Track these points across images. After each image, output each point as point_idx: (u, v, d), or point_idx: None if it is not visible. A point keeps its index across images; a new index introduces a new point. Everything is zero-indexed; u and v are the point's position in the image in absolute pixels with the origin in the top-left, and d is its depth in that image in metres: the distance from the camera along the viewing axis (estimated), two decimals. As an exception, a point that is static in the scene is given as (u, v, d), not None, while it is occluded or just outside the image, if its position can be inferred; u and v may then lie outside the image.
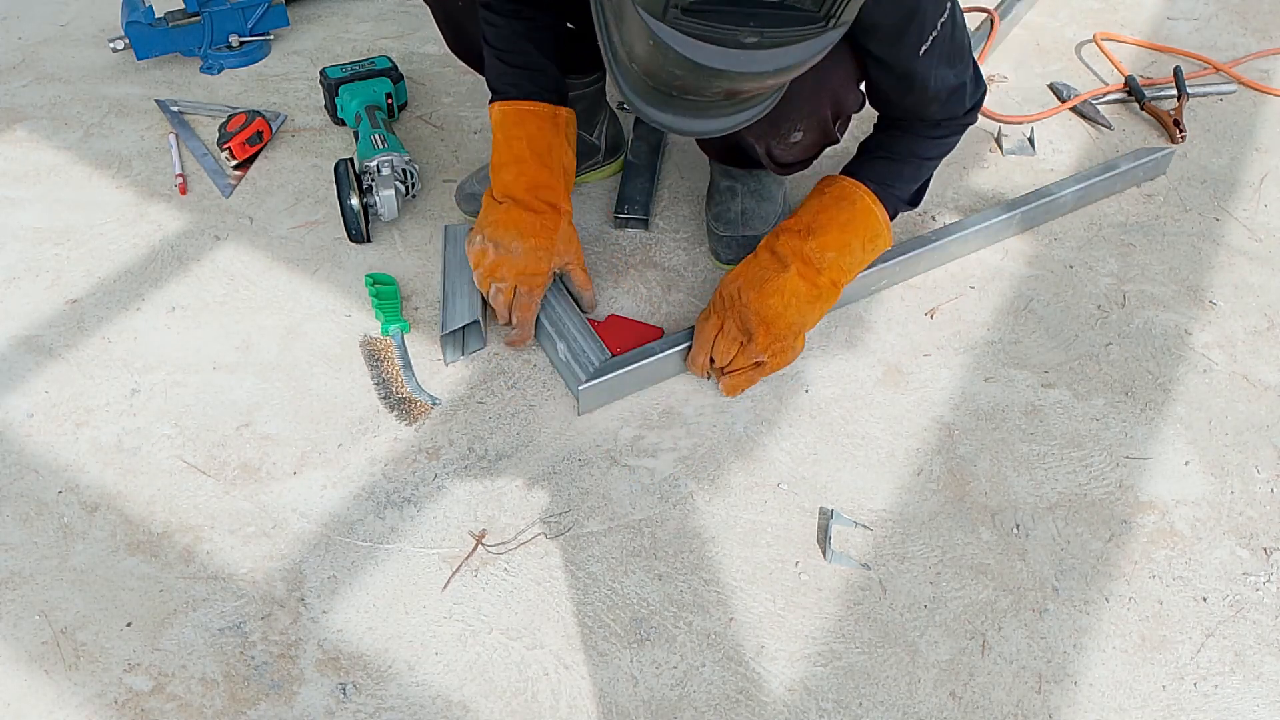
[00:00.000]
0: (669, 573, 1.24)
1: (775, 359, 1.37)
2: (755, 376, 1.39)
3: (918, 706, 1.12)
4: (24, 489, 1.32)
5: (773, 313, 1.33)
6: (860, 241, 1.37)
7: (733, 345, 1.36)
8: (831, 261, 1.35)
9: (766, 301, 1.33)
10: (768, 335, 1.34)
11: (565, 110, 1.44)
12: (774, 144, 1.38)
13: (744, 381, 1.39)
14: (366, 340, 1.49)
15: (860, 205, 1.37)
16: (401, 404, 1.41)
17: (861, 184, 1.38)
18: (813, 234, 1.35)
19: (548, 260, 1.42)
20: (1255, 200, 1.77)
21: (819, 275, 1.35)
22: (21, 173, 1.81)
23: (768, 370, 1.38)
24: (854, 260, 1.38)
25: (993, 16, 2.10)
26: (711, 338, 1.38)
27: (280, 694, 1.12)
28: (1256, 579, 1.23)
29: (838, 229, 1.36)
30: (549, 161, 1.41)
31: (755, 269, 1.36)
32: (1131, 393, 1.44)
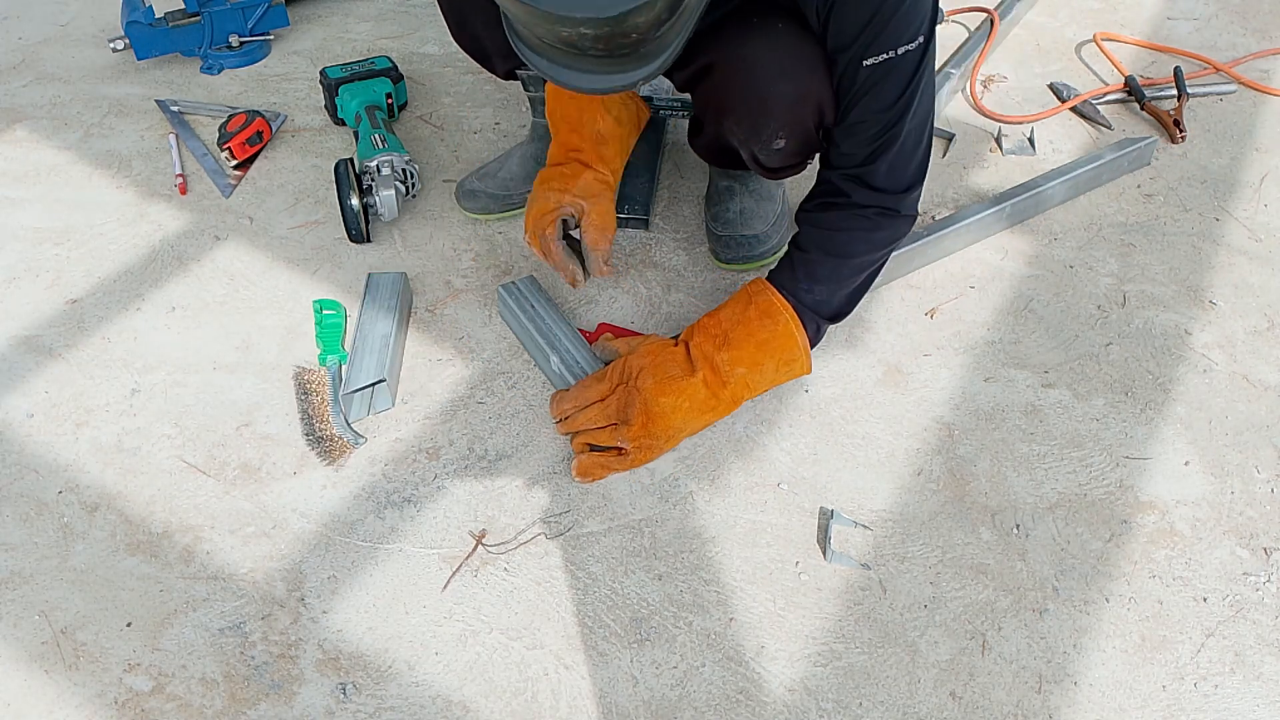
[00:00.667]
0: (669, 573, 1.24)
1: (638, 454, 1.30)
2: (612, 466, 1.31)
3: (918, 706, 1.12)
4: (24, 489, 1.32)
5: (659, 410, 1.29)
6: (775, 364, 1.34)
7: (603, 419, 1.31)
8: (740, 377, 1.32)
9: (659, 399, 1.29)
10: (643, 430, 1.29)
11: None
12: (757, 150, 1.38)
13: (598, 468, 1.31)
14: (299, 370, 1.45)
15: (782, 328, 1.32)
16: (322, 442, 1.36)
17: (787, 303, 1.33)
18: (729, 344, 1.31)
19: (557, 199, 1.46)
20: (1255, 200, 1.77)
21: (723, 388, 1.32)
22: (21, 173, 1.81)
23: (625, 464, 1.31)
24: (763, 379, 1.35)
25: (993, 16, 2.10)
26: (590, 400, 1.33)
27: (280, 694, 1.12)
28: (1256, 579, 1.23)
29: (754, 346, 1.32)
30: (579, 127, 1.50)
31: (665, 360, 1.32)
32: (1131, 393, 1.44)
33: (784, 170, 1.47)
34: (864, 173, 1.30)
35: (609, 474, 1.32)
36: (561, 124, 1.51)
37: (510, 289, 1.52)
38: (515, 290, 1.52)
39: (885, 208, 1.32)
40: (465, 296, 1.58)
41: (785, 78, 1.27)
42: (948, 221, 1.62)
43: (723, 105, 1.36)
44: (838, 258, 1.35)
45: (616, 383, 1.33)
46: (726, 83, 1.32)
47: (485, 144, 1.87)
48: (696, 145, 1.57)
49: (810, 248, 1.35)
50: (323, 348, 1.47)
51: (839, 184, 1.33)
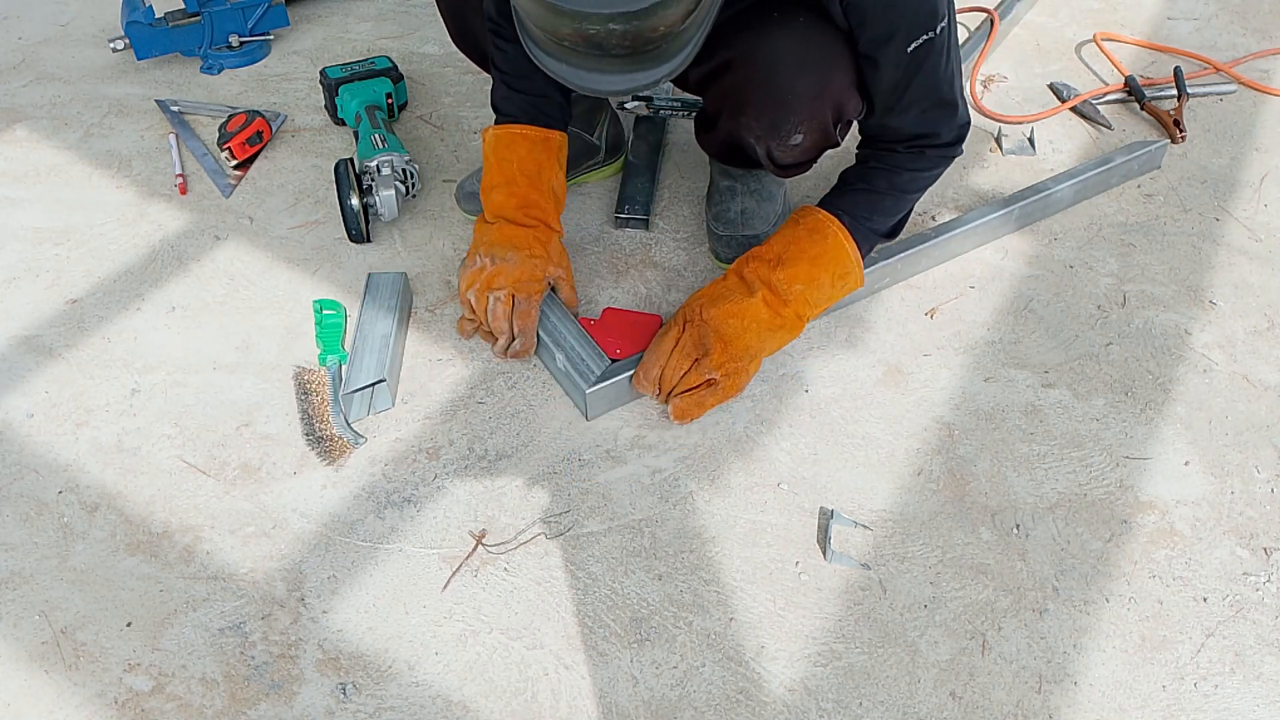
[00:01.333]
0: (669, 573, 1.24)
1: (728, 380, 1.32)
2: (707, 401, 1.33)
3: (918, 706, 1.12)
4: (24, 489, 1.32)
5: (732, 332, 1.31)
6: (830, 277, 1.36)
7: (686, 360, 1.32)
8: (799, 294, 1.33)
9: (727, 321, 1.31)
10: (723, 354, 1.31)
11: (558, 134, 1.47)
12: (774, 146, 1.38)
13: (694, 406, 1.33)
14: (299, 370, 1.45)
15: (833, 240, 1.35)
16: (322, 442, 1.36)
17: (836, 218, 1.36)
18: (782, 264, 1.34)
19: (542, 268, 1.43)
20: (1255, 200, 1.77)
21: (784, 306, 1.33)
22: (21, 173, 1.81)
23: (719, 394, 1.33)
24: (822, 295, 1.36)
25: (993, 16, 2.10)
26: (669, 351, 1.34)
27: (280, 694, 1.12)
28: (1256, 579, 1.23)
29: (808, 262, 1.34)
30: (539, 183, 1.45)
31: (721, 290, 1.35)
32: (1131, 393, 1.44)
33: (795, 168, 1.48)
34: (923, 142, 1.37)
35: (705, 410, 1.35)
36: (520, 177, 1.44)
37: None
38: None
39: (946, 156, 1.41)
40: (465, 296, 1.58)
41: (806, 73, 1.28)
42: (956, 223, 1.62)
43: (741, 101, 1.36)
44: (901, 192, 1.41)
45: (684, 323, 1.35)
46: (746, 78, 1.33)
47: (485, 144, 1.87)
48: (705, 141, 1.56)
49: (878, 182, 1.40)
50: (323, 348, 1.47)
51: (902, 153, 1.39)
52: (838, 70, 1.28)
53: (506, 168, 1.45)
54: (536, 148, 1.45)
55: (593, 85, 1.13)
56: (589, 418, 1.39)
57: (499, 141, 1.45)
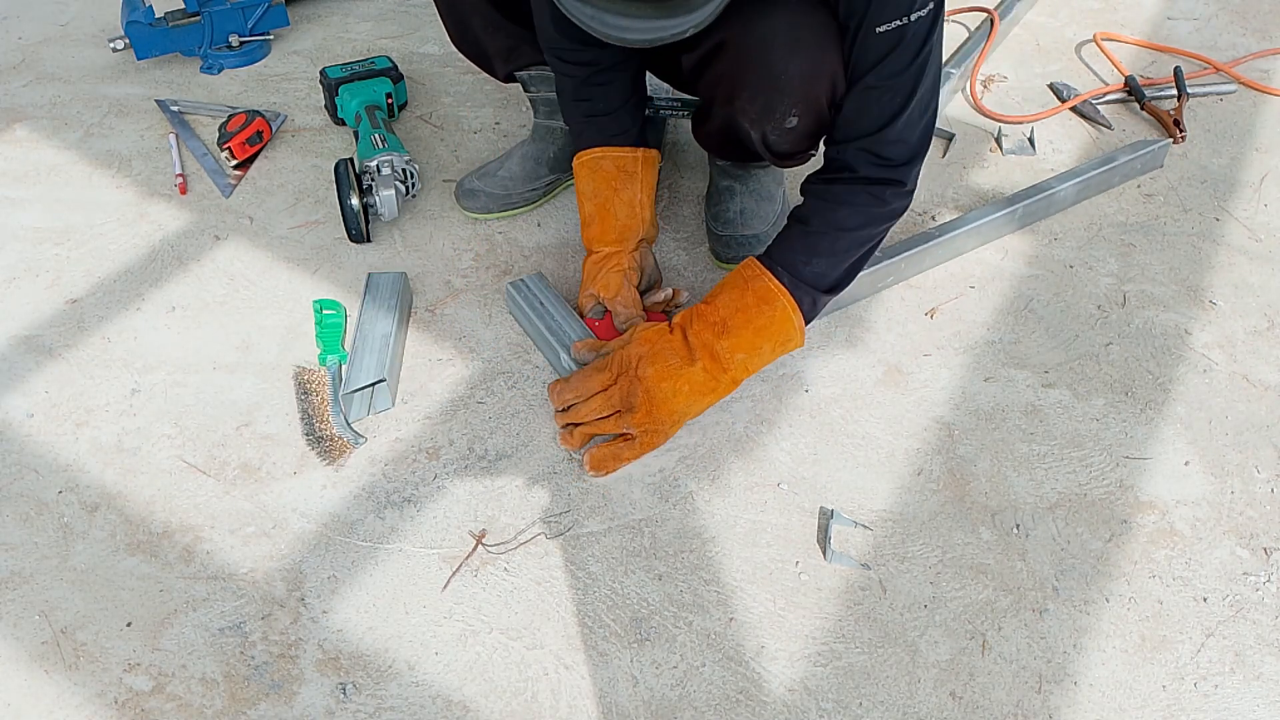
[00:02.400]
0: (669, 573, 1.24)
1: (645, 438, 1.32)
2: (623, 455, 1.32)
3: (918, 706, 1.12)
4: (24, 489, 1.32)
5: (661, 395, 1.30)
6: (772, 345, 1.34)
7: (607, 408, 1.32)
8: (740, 362, 1.32)
9: (660, 384, 1.29)
10: (648, 416, 1.30)
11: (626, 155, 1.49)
12: (769, 130, 1.37)
13: (611, 459, 1.32)
14: (299, 370, 1.45)
15: (779, 312, 1.32)
16: (322, 442, 1.36)
17: (782, 284, 1.33)
18: (728, 332, 1.31)
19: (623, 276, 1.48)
20: (1255, 200, 1.77)
21: (723, 373, 1.32)
22: (21, 173, 1.81)
23: (636, 450, 1.33)
24: (761, 361, 1.35)
25: (993, 16, 2.10)
26: (594, 392, 1.33)
27: (280, 694, 1.12)
28: (1256, 579, 1.23)
29: (753, 332, 1.32)
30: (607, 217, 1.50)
31: (664, 349, 1.32)
32: (1131, 393, 1.44)
33: (793, 156, 1.46)
34: (871, 143, 1.29)
35: (621, 464, 1.33)
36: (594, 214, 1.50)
37: (519, 286, 1.52)
38: (524, 287, 1.52)
39: (890, 180, 1.31)
40: (465, 296, 1.58)
41: (799, 54, 1.27)
42: (959, 223, 1.62)
43: (735, 84, 1.35)
44: (838, 230, 1.34)
45: (618, 373, 1.33)
46: (739, 60, 1.31)
47: (485, 144, 1.87)
48: (701, 135, 1.56)
49: (811, 219, 1.34)
50: (323, 348, 1.47)
51: (846, 158, 1.32)
52: (830, 50, 1.26)
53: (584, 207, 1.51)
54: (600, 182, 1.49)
55: (620, 34, 1.11)
56: None
57: (582, 169, 1.51)
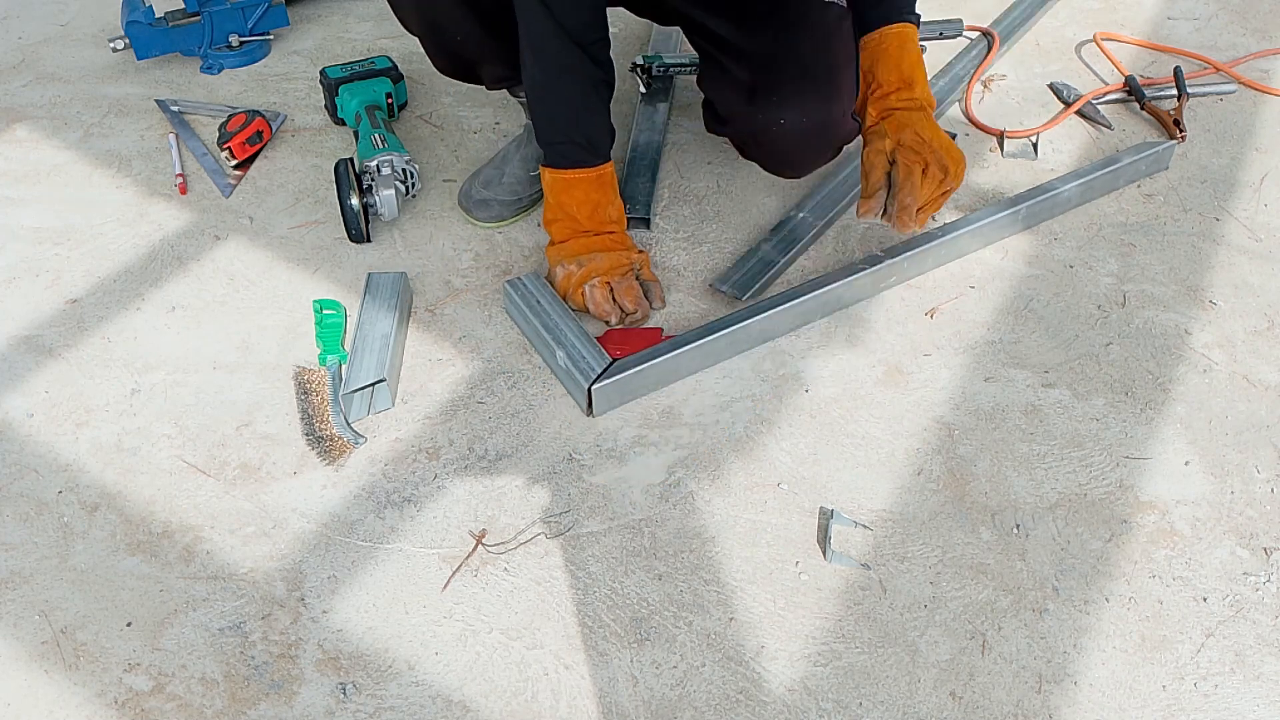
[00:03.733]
0: (669, 573, 1.24)
1: (956, 181, 1.45)
2: (940, 202, 1.46)
3: (918, 706, 1.12)
4: (24, 489, 1.32)
5: (946, 143, 1.43)
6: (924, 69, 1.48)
7: (934, 185, 1.43)
8: (929, 97, 1.46)
9: (943, 138, 1.43)
10: (957, 166, 1.43)
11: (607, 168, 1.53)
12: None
13: (935, 209, 1.47)
14: (299, 370, 1.46)
15: (912, 43, 1.45)
16: (322, 442, 1.36)
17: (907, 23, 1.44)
18: (915, 84, 1.44)
19: (625, 257, 1.52)
20: (1255, 200, 1.77)
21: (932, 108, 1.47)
22: (21, 173, 1.81)
23: (950, 194, 1.47)
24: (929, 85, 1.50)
25: (992, 36, 2.09)
26: (918, 184, 1.42)
27: (280, 694, 1.12)
28: (1256, 579, 1.23)
29: (920, 71, 1.46)
30: (597, 216, 1.53)
31: (916, 118, 1.44)
32: (1131, 393, 1.44)
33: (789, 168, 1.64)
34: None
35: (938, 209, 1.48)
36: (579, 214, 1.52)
37: (516, 285, 1.52)
38: (521, 286, 1.52)
39: None
40: (465, 296, 1.58)
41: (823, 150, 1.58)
42: (963, 223, 1.62)
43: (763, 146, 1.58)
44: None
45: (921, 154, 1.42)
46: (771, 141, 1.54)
47: (485, 144, 1.87)
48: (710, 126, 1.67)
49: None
50: (323, 348, 1.47)
51: None
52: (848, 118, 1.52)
53: (566, 207, 1.52)
54: (590, 187, 1.51)
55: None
56: (594, 414, 1.39)
57: (556, 185, 1.52)
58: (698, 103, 1.98)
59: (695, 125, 1.91)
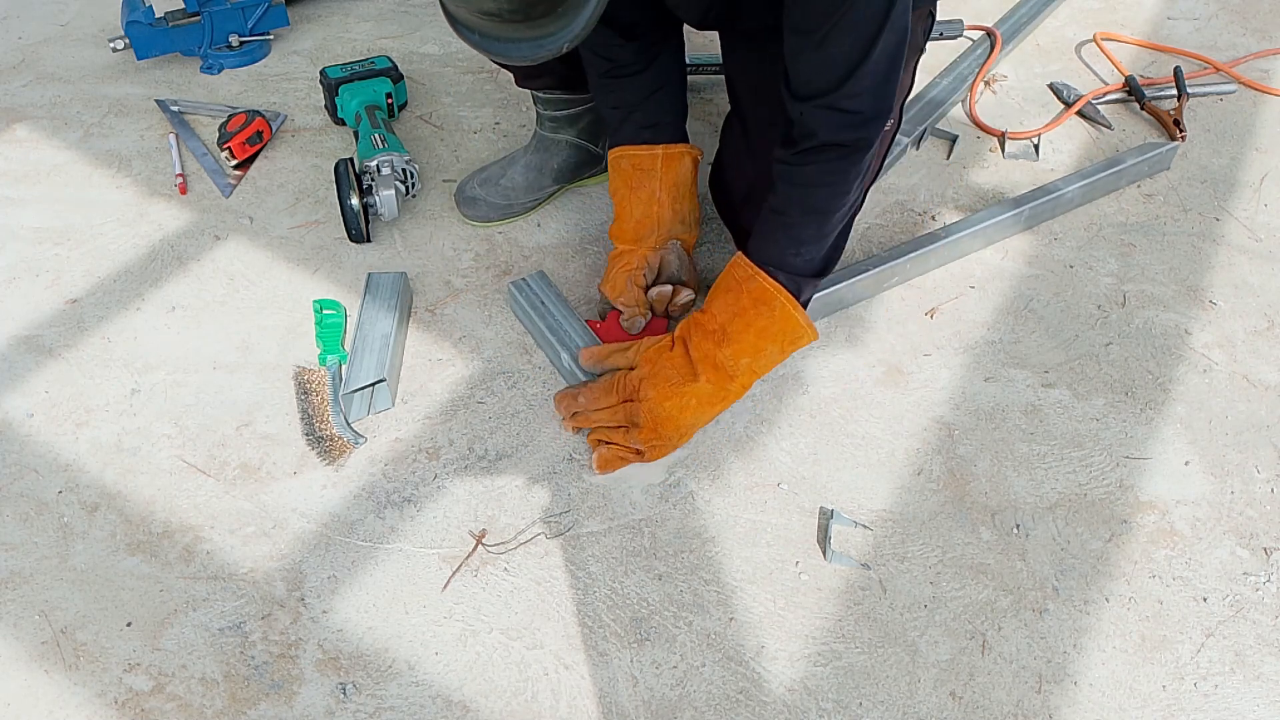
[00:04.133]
0: (669, 573, 1.24)
1: (651, 452, 1.32)
2: (630, 459, 1.33)
3: (918, 706, 1.12)
4: (24, 489, 1.32)
5: (666, 414, 1.29)
6: (778, 347, 1.32)
7: (614, 420, 1.32)
8: (745, 367, 1.30)
9: (663, 404, 1.29)
10: (652, 433, 1.30)
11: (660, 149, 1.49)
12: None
13: (618, 461, 1.32)
14: (299, 370, 1.45)
15: (780, 312, 1.30)
16: (322, 442, 1.36)
17: (778, 282, 1.30)
18: (727, 340, 1.29)
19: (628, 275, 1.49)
20: (1255, 200, 1.77)
21: (730, 381, 1.30)
22: (21, 173, 1.81)
23: (645, 459, 1.33)
24: (768, 362, 1.33)
25: (994, 35, 2.09)
26: (601, 408, 1.33)
27: (280, 694, 1.12)
28: (1256, 579, 1.23)
29: (754, 335, 1.29)
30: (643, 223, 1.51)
31: (665, 368, 1.31)
32: (1131, 393, 1.44)
33: None
34: (833, 99, 1.21)
35: (627, 465, 1.34)
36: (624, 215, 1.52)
37: (521, 285, 1.52)
38: (526, 286, 1.52)
39: (855, 142, 1.25)
40: (465, 296, 1.58)
41: None
42: (965, 224, 1.62)
43: None
44: (819, 215, 1.30)
45: (622, 396, 1.32)
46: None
47: (485, 144, 1.87)
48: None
49: (789, 210, 1.30)
50: (323, 348, 1.47)
51: (808, 121, 1.24)
52: None
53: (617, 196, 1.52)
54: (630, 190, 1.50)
55: (505, 54, 1.13)
56: None
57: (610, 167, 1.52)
58: (698, 102, 1.99)
59: (695, 125, 1.91)
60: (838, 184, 1.28)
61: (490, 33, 1.11)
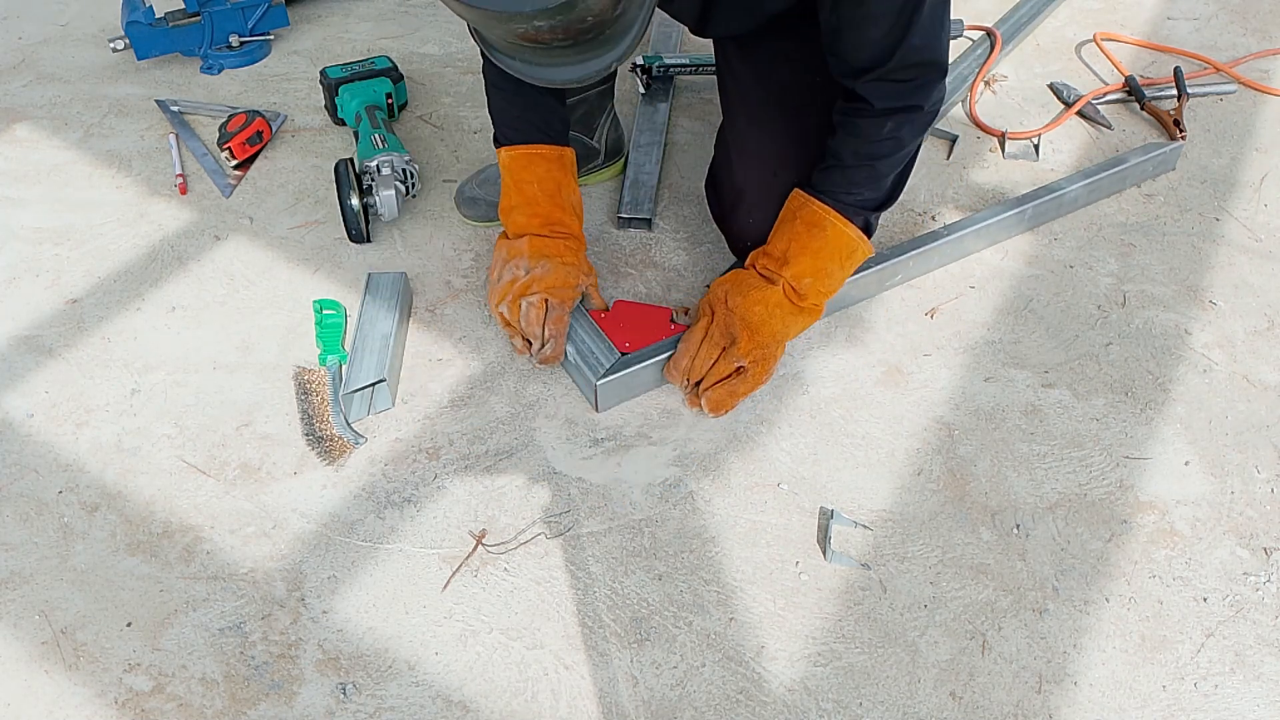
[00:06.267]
0: (669, 573, 1.24)
1: (756, 366, 1.35)
2: (738, 390, 1.35)
3: (918, 706, 1.12)
4: (24, 489, 1.32)
5: (757, 319, 1.33)
6: (837, 263, 1.36)
7: (714, 350, 1.35)
8: (810, 287, 1.35)
9: (752, 309, 1.34)
10: (750, 341, 1.33)
11: (569, 150, 1.50)
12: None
13: (728, 397, 1.35)
14: (299, 370, 1.45)
15: (831, 231, 1.35)
16: (322, 442, 1.36)
17: (828, 206, 1.35)
18: (788, 262, 1.35)
19: (575, 275, 1.44)
20: (1255, 200, 1.77)
21: (802, 299, 1.36)
22: (22, 173, 1.81)
23: (749, 382, 1.36)
24: (833, 281, 1.38)
25: (994, 35, 2.09)
26: (698, 342, 1.36)
27: (280, 694, 1.12)
28: (1256, 579, 1.23)
29: (810, 256, 1.35)
30: (559, 200, 1.47)
31: (743, 279, 1.38)
32: (1131, 393, 1.44)
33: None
34: (882, 73, 1.26)
35: (738, 400, 1.37)
36: (541, 196, 1.46)
37: None
38: None
39: (909, 106, 1.30)
40: (465, 296, 1.58)
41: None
42: (967, 223, 1.62)
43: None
44: (873, 161, 1.34)
45: (711, 313, 1.37)
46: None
47: (485, 144, 1.87)
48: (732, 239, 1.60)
49: (844, 154, 1.35)
50: (323, 348, 1.47)
51: (861, 91, 1.30)
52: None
53: (526, 188, 1.46)
54: (553, 166, 1.46)
55: (549, 77, 1.14)
56: (599, 410, 1.40)
57: (515, 163, 1.46)
58: (698, 103, 1.99)
59: (695, 125, 1.91)
60: (892, 139, 1.33)
61: (532, 60, 1.12)
